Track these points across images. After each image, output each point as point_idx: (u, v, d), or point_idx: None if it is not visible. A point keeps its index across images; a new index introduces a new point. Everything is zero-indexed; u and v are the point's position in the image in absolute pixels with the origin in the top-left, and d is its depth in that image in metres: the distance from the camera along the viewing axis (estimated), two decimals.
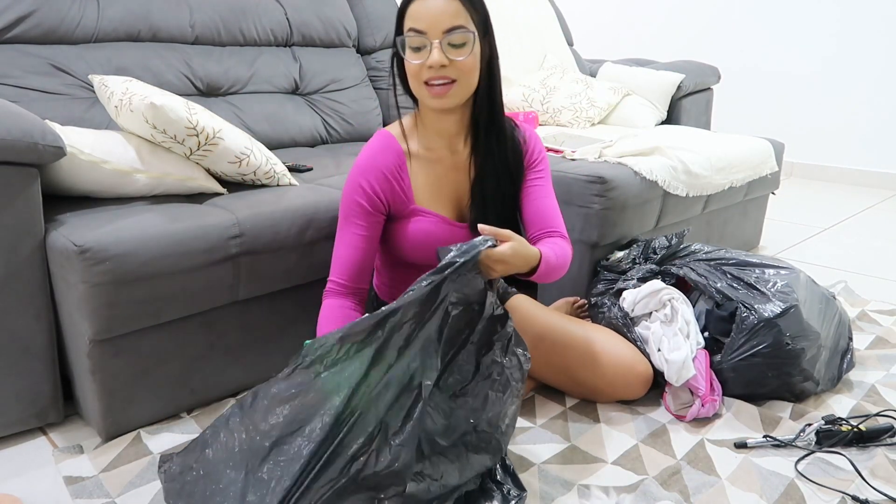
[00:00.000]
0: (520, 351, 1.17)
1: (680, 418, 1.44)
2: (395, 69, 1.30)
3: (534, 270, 1.24)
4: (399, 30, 1.23)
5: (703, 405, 1.41)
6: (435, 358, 1.04)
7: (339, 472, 0.96)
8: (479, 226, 1.15)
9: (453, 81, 1.21)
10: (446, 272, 1.05)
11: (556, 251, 1.30)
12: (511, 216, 1.38)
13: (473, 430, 1.08)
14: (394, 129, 1.34)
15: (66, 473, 1.25)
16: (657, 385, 1.50)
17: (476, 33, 1.21)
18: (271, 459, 0.98)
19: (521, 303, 1.51)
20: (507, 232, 1.16)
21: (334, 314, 1.31)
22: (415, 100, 1.32)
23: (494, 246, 1.12)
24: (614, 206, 1.75)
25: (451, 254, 1.08)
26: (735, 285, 1.54)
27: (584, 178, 1.76)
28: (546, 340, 1.46)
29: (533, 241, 1.35)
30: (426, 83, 1.21)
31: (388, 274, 1.46)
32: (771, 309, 1.45)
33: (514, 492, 1.16)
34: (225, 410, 1.11)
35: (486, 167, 1.33)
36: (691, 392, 1.44)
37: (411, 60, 1.21)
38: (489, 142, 1.32)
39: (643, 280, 1.63)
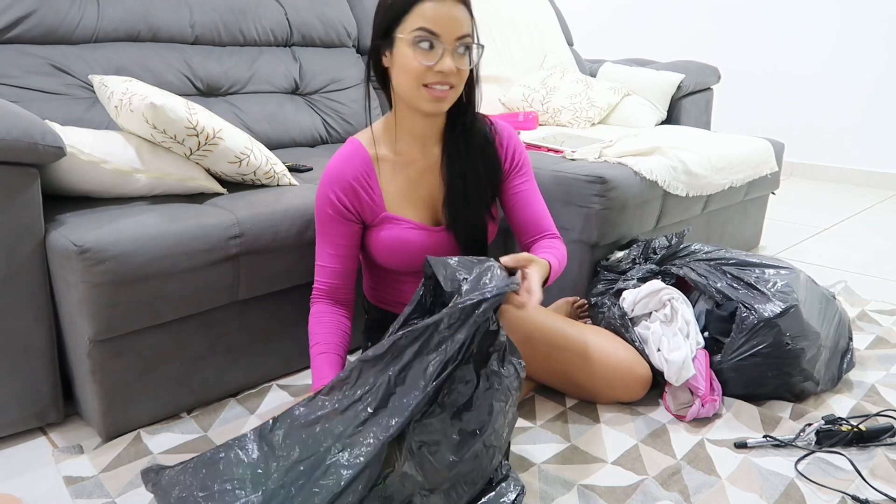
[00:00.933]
0: (515, 360, 1.17)
1: (680, 418, 1.44)
2: (374, 67, 1.27)
3: (545, 282, 1.25)
4: (394, 24, 1.19)
5: (702, 405, 1.41)
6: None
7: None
8: (502, 259, 1.14)
9: (452, 87, 1.21)
10: (471, 314, 1.02)
11: (557, 255, 1.31)
12: (485, 216, 1.36)
13: (481, 443, 1.08)
14: (363, 135, 1.33)
15: (66, 473, 1.25)
16: (657, 385, 1.50)
17: (476, 43, 1.23)
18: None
19: (515, 319, 1.51)
20: (526, 256, 1.16)
21: (324, 318, 1.33)
22: (388, 99, 1.31)
23: (517, 289, 1.10)
24: (614, 206, 1.75)
25: (477, 291, 1.04)
26: (735, 285, 1.54)
27: (584, 178, 1.76)
28: (544, 344, 1.45)
29: (529, 246, 1.36)
30: (425, 85, 1.20)
31: (372, 278, 1.47)
32: (771, 309, 1.45)
33: (515, 485, 1.16)
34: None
35: (458, 167, 1.32)
36: (691, 392, 1.44)
37: (420, 60, 1.17)
38: (462, 142, 1.32)
39: (643, 280, 1.63)
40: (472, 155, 1.32)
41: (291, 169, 1.80)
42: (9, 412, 1.32)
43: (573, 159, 1.93)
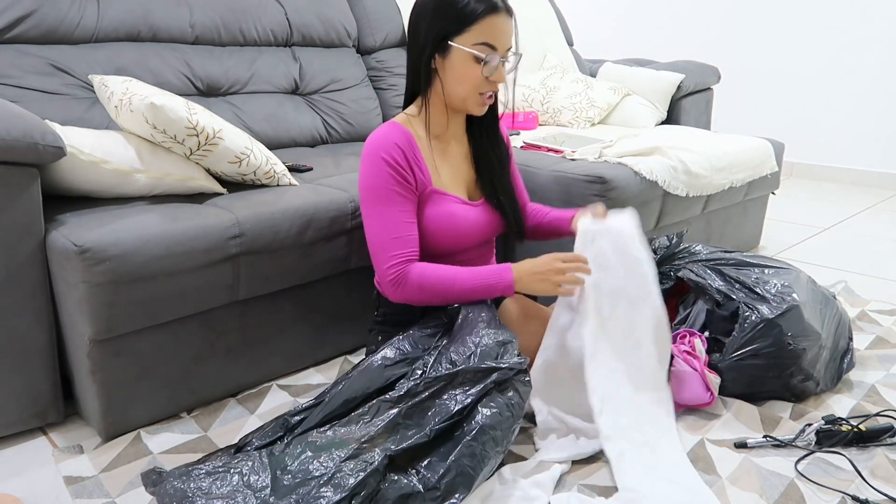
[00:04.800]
0: (516, 379, 1.19)
1: None
2: (419, 65, 1.33)
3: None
4: (454, 34, 1.26)
5: None
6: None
7: None
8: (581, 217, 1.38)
9: (496, 92, 1.34)
10: (485, 378, 1.14)
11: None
12: (514, 187, 1.48)
13: (478, 457, 1.10)
14: (398, 118, 1.37)
15: (66, 473, 1.25)
16: None
17: (515, 52, 1.33)
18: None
19: (518, 301, 1.51)
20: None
21: (436, 268, 1.29)
22: (410, 98, 1.39)
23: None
24: (614, 206, 1.74)
25: (493, 360, 1.16)
26: (735, 286, 1.54)
27: (584, 178, 1.76)
28: (542, 333, 1.46)
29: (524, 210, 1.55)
30: (479, 93, 1.30)
31: None
32: (772, 309, 1.45)
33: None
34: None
35: (488, 148, 1.44)
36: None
37: (482, 73, 1.28)
38: (489, 130, 1.44)
39: None
40: (496, 139, 1.45)
41: (291, 169, 1.80)
42: (9, 412, 1.32)
43: (573, 159, 1.93)
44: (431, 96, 1.35)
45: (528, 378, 1.20)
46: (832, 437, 1.34)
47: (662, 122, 2.89)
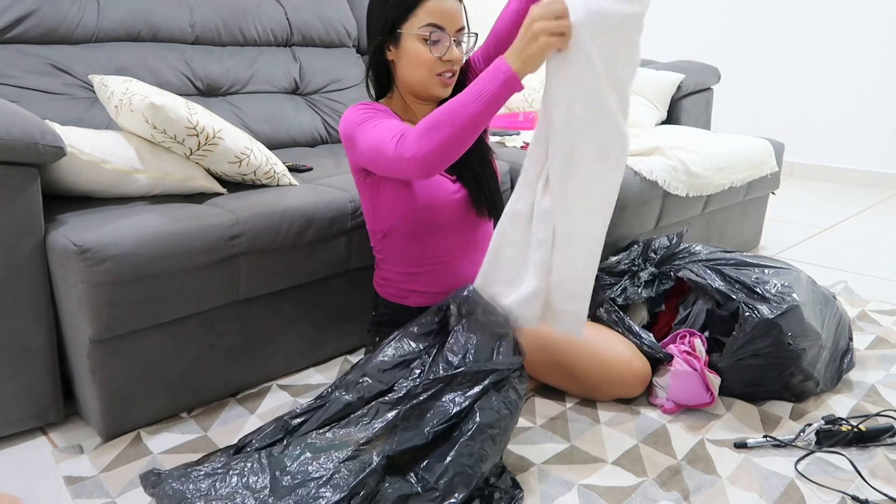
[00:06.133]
0: (513, 376, 1.19)
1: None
2: (375, 60, 1.35)
3: None
4: (400, 21, 1.28)
5: (663, 406, 1.47)
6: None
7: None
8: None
9: (455, 73, 1.33)
10: (483, 379, 1.14)
11: None
12: (492, 164, 1.45)
13: (476, 457, 1.10)
14: None
15: (66, 473, 1.25)
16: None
17: (469, 32, 1.33)
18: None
19: None
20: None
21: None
22: (380, 95, 1.40)
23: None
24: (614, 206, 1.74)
25: (490, 362, 1.16)
26: (735, 286, 1.54)
27: None
28: (543, 337, 1.46)
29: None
30: (437, 74, 1.30)
31: (385, 268, 1.45)
32: (772, 309, 1.45)
33: (511, 492, 1.17)
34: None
35: None
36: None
37: (432, 53, 1.28)
38: None
39: (649, 283, 1.63)
40: None
41: (291, 169, 1.80)
42: (9, 412, 1.32)
43: None
44: (393, 89, 1.38)
45: (525, 375, 1.20)
46: (832, 437, 1.34)
47: (662, 122, 2.89)
